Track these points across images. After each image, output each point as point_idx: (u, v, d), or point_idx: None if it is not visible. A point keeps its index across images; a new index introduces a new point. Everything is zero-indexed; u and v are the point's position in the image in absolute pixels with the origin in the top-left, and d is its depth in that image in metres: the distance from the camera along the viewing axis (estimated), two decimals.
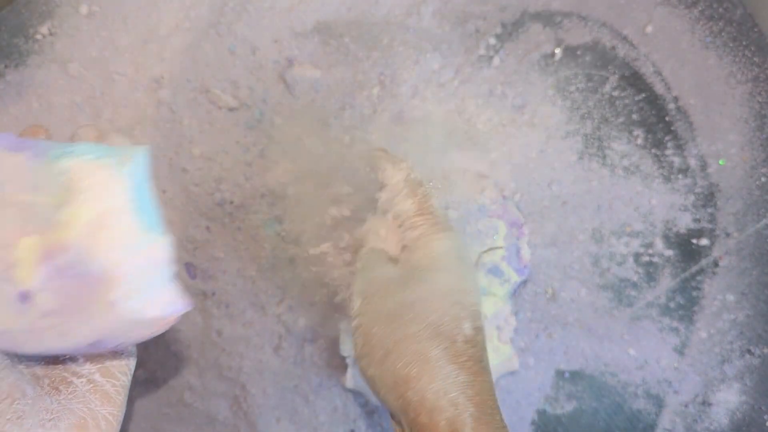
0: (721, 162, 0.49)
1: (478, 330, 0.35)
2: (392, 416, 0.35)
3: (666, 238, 0.49)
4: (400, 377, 0.32)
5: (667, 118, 0.50)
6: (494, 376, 0.48)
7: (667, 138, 0.50)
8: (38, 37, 0.51)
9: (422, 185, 0.42)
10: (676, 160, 0.50)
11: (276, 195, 0.51)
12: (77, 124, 0.51)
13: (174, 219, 0.51)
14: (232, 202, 0.51)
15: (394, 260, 0.40)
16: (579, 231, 0.50)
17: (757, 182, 0.49)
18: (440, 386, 0.32)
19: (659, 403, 0.49)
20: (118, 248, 0.30)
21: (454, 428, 0.30)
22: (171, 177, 0.51)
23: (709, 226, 0.49)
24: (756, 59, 0.50)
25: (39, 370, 0.33)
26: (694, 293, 0.49)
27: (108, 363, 0.33)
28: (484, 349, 0.35)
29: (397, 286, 0.36)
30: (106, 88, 0.51)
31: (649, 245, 0.49)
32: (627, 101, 0.50)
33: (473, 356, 0.34)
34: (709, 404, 0.48)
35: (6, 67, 0.51)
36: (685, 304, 0.49)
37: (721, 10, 0.50)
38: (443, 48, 0.51)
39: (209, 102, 0.51)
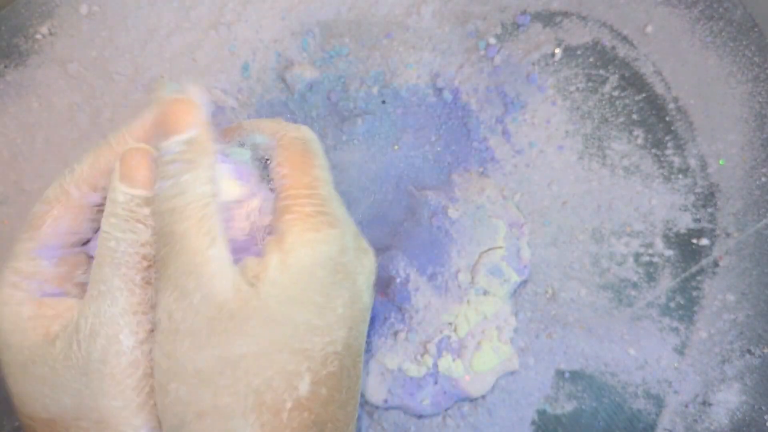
0: (721, 162, 0.49)
1: (323, 382, 0.25)
2: None
3: (666, 238, 0.49)
4: None
5: (667, 118, 0.50)
6: (494, 376, 0.48)
7: (667, 138, 0.50)
8: (38, 37, 0.51)
9: (306, 138, 0.30)
10: (676, 160, 0.50)
11: None
12: (77, 125, 0.51)
13: None
14: None
15: (237, 269, 0.26)
16: (579, 231, 0.50)
17: (757, 182, 0.49)
18: None
19: (659, 403, 0.49)
20: None
21: None
22: None
23: (709, 226, 0.49)
24: (756, 59, 0.50)
25: None
26: (694, 293, 0.49)
27: None
28: (333, 402, 0.26)
29: (224, 331, 0.24)
30: (106, 88, 0.51)
31: (649, 245, 0.49)
32: (627, 101, 0.50)
33: (306, 424, 0.25)
34: (709, 404, 0.48)
35: (6, 67, 0.51)
36: (685, 304, 0.49)
37: (721, 10, 0.50)
38: (443, 48, 0.51)
39: (209, 102, 0.51)
